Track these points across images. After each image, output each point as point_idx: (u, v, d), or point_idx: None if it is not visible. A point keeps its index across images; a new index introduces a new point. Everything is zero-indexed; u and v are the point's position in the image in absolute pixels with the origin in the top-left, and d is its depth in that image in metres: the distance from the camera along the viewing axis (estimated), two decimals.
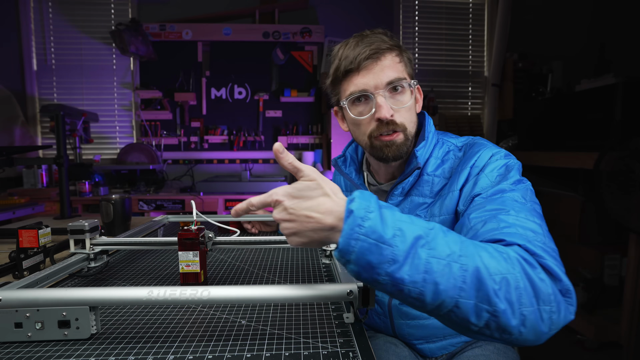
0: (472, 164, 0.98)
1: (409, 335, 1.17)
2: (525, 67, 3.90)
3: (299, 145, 3.96)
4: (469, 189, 0.94)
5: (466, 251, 0.65)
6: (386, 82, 1.00)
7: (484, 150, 0.99)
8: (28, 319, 0.70)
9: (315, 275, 1.07)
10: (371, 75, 1.01)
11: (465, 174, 0.98)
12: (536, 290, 0.65)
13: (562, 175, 3.06)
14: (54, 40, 3.81)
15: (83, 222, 1.05)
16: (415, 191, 1.08)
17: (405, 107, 1.03)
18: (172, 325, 0.77)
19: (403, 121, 1.03)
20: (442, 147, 1.10)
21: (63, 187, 1.95)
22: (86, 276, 1.05)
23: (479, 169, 0.96)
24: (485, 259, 0.65)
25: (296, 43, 3.85)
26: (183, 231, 0.95)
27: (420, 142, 1.06)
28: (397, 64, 1.02)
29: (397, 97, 1.02)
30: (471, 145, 1.05)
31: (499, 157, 0.97)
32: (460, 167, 1.00)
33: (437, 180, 1.06)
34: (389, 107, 1.00)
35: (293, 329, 0.75)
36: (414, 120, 1.07)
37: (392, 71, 1.01)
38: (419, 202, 1.07)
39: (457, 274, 0.63)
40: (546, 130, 3.23)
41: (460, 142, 1.10)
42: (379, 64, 1.00)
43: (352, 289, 0.71)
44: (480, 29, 4.16)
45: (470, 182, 0.95)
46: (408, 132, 1.05)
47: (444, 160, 1.07)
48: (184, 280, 0.96)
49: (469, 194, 0.93)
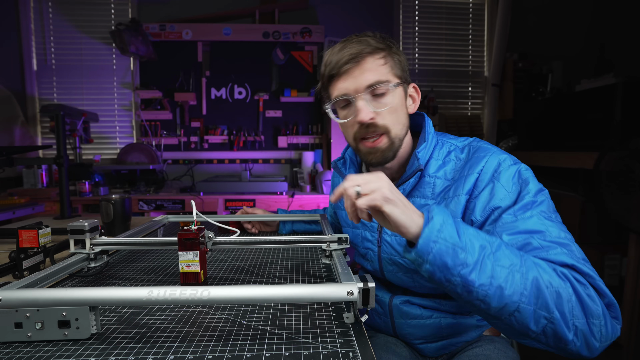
0: (480, 170, 0.97)
1: (409, 334, 1.17)
2: (525, 67, 3.90)
3: (299, 145, 3.95)
4: (485, 199, 0.94)
5: (525, 263, 0.74)
6: (366, 86, 1.01)
7: (490, 156, 0.98)
8: (28, 319, 0.70)
9: (315, 275, 1.07)
10: (351, 80, 1.02)
11: (472, 179, 0.97)
12: (585, 306, 0.73)
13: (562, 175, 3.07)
14: (54, 40, 3.81)
15: (83, 222, 1.05)
16: (417, 192, 1.08)
17: (387, 109, 1.02)
18: (172, 325, 0.77)
19: (385, 123, 1.03)
20: (442, 149, 1.10)
21: (63, 187, 1.95)
22: (86, 276, 1.05)
23: (489, 175, 0.96)
24: (542, 273, 0.74)
25: (296, 43, 3.85)
26: (183, 231, 0.95)
27: (421, 143, 1.07)
28: (379, 66, 1.02)
29: (379, 100, 1.03)
30: (475, 148, 1.04)
31: (509, 164, 0.97)
32: (466, 172, 1.00)
33: (439, 182, 1.06)
34: (369, 110, 1.01)
35: (293, 329, 0.75)
36: (403, 122, 1.07)
37: (373, 74, 1.01)
38: (420, 204, 1.07)
39: (518, 282, 0.72)
40: (546, 130, 3.23)
41: (460, 143, 1.10)
42: (359, 68, 1.01)
43: (352, 289, 0.71)
44: (480, 29, 4.15)
45: (486, 192, 0.94)
46: (393, 134, 1.05)
47: (445, 162, 1.07)
48: (184, 280, 0.96)
49: (487, 205, 0.93)
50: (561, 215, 0.91)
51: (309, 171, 3.62)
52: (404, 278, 1.13)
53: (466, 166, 1.01)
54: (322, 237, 1.13)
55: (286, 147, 3.95)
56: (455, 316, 1.13)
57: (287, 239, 1.13)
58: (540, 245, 0.81)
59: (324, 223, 1.42)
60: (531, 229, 0.84)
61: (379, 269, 1.19)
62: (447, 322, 1.12)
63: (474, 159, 1.01)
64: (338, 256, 1.00)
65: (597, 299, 0.75)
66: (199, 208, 3.09)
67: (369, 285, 0.71)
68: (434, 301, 1.13)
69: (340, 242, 1.10)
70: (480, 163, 0.99)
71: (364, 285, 0.71)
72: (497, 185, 0.93)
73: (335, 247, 1.07)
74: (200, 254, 0.96)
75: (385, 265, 1.16)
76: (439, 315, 1.12)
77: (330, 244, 1.09)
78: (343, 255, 1.03)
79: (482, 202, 0.94)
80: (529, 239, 0.82)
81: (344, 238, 1.11)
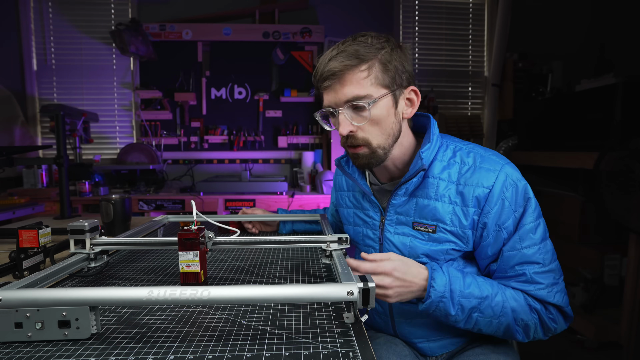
0: (492, 185, 1.02)
1: (409, 334, 1.17)
2: (525, 67, 3.89)
3: (299, 145, 3.95)
4: (494, 218, 1.02)
5: (504, 312, 0.99)
6: (344, 101, 1.03)
7: (500, 172, 1.02)
8: (28, 319, 0.70)
9: (316, 275, 1.07)
10: (332, 94, 1.05)
11: (483, 193, 1.02)
12: (545, 327, 1.03)
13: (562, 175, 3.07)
14: (54, 40, 3.81)
15: (83, 222, 1.05)
16: (420, 192, 1.09)
17: (366, 123, 1.03)
18: (172, 325, 0.77)
19: (366, 136, 1.05)
20: (447, 151, 1.10)
21: (63, 187, 1.95)
22: (86, 276, 1.05)
23: (498, 191, 1.01)
24: (517, 314, 1.00)
25: (296, 43, 3.85)
26: (183, 231, 0.95)
27: (425, 144, 1.07)
28: (361, 80, 1.01)
29: (359, 113, 1.03)
30: (483, 158, 1.06)
31: (515, 180, 1.03)
32: (475, 181, 1.03)
33: (442, 183, 1.06)
34: (349, 123, 1.04)
35: (293, 329, 0.75)
36: (387, 132, 1.06)
37: (352, 89, 1.01)
38: (424, 204, 1.08)
39: (494, 326, 1.01)
40: (546, 130, 3.23)
41: (466, 146, 1.11)
42: (339, 82, 1.02)
43: (352, 289, 0.71)
44: (480, 29, 4.15)
45: (495, 210, 1.02)
46: (374, 145, 1.06)
47: (449, 164, 1.08)
48: (184, 280, 0.96)
49: (495, 223, 1.02)
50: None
51: (309, 171, 3.62)
52: None
53: (474, 175, 1.03)
54: (322, 237, 1.13)
55: (286, 147, 3.95)
56: None
57: (287, 239, 1.13)
58: (531, 278, 1.00)
59: (324, 223, 1.42)
60: (529, 260, 1.01)
61: None
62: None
63: (483, 170, 1.03)
64: (338, 256, 1.00)
65: (560, 318, 1.03)
66: (199, 208, 3.09)
67: (369, 285, 0.71)
68: None
69: (340, 242, 1.10)
70: (490, 177, 1.02)
71: (364, 285, 0.71)
72: (506, 203, 1.01)
73: (335, 247, 1.07)
74: (200, 254, 0.96)
75: None
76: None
77: (330, 244, 1.09)
78: (343, 255, 1.03)
79: (492, 220, 1.02)
80: (525, 268, 1.01)
81: (344, 238, 1.11)
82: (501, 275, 1.04)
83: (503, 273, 1.04)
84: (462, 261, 1.10)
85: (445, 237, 1.06)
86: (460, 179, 1.04)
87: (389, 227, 1.14)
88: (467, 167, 1.05)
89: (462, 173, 1.05)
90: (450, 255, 1.07)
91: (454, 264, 1.09)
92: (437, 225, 1.06)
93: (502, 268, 1.03)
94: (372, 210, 1.20)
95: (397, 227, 1.13)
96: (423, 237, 1.09)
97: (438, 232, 1.06)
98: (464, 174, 1.04)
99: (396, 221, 1.13)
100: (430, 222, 1.07)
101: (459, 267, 1.09)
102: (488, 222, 1.02)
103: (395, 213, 1.13)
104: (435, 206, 1.06)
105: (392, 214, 1.14)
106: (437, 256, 1.07)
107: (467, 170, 1.04)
